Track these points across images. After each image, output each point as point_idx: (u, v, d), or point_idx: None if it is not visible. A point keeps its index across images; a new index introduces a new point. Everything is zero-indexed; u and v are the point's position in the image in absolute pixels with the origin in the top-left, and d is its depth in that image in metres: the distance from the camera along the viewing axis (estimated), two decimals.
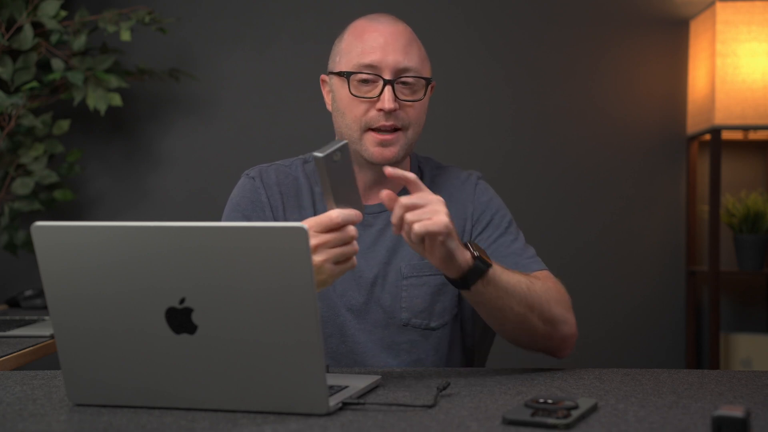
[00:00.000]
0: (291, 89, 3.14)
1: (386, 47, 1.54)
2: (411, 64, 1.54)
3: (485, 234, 1.62)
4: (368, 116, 1.54)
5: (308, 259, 1.08)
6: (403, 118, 1.54)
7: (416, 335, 1.60)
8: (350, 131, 1.56)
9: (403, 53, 1.54)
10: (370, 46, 1.54)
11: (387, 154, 1.55)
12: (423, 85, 1.56)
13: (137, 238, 1.12)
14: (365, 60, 1.54)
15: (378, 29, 1.56)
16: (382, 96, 1.53)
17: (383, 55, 1.53)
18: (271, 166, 1.67)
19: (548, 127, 3.15)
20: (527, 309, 1.43)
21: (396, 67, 1.53)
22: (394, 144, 1.55)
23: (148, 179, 3.16)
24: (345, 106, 1.56)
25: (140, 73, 3.02)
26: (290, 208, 1.63)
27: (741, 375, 1.42)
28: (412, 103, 1.55)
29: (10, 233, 2.94)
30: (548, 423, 1.06)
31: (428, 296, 1.60)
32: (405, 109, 1.55)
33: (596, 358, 3.11)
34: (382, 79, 1.53)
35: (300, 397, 1.13)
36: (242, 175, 1.67)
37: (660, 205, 3.15)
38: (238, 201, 1.63)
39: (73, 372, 1.19)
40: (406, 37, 1.56)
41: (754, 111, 2.86)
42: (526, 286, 1.44)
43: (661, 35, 3.13)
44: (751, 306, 3.17)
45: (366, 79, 1.54)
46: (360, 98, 1.54)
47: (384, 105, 1.52)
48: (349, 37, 1.59)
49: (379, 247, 1.61)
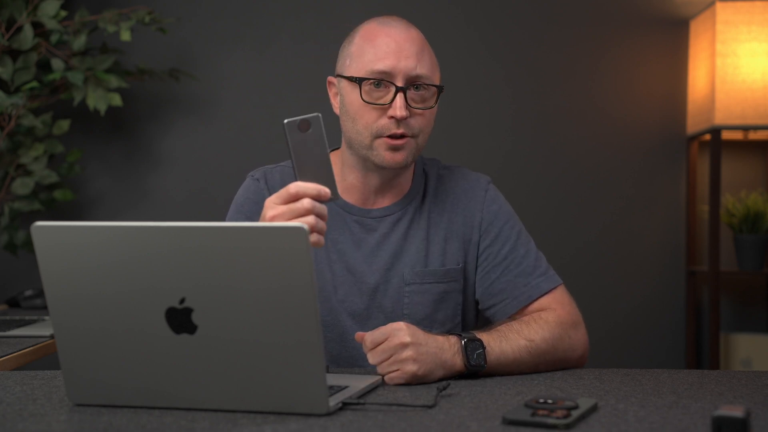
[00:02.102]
0: (291, 89, 3.13)
1: (399, 54, 1.51)
2: (423, 72, 1.52)
3: (494, 249, 1.61)
4: (379, 124, 1.52)
5: (308, 259, 1.08)
6: (413, 126, 1.53)
7: None
8: (361, 137, 1.54)
9: (416, 60, 1.52)
10: (383, 51, 1.52)
11: (397, 158, 1.53)
12: (434, 93, 1.55)
13: (137, 238, 1.12)
14: (378, 66, 1.51)
15: (391, 34, 1.53)
16: (393, 103, 1.51)
17: (396, 61, 1.51)
18: (275, 168, 1.66)
19: (548, 127, 3.15)
20: (535, 362, 1.47)
21: (408, 74, 1.51)
22: (404, 149, 1.53)
23: (148, 179, 3.16)
24: (355, 112, 1.54)
25: (140, 73, 3.02)
26: None
27: (741, 375, 1.42)
28: (423, 111, 1.54)
29: (10, 233, 2.94)
30: (548, 423, 1.06)
31: (430, 303, 1.59)
32: (415, 117, 1.53)
33: (596, 358, 3.10)
34: (394, 86, 1.51)
35: (300, 397, 1.13)
36: (247, 176, 1.66)
37: (660, 205, 3.15)
38: (242, 202, 1.63)
39: (73, 372, 1.19)
40: (418, 43, 1.54)
41: (754, 111, 2.86)
42: (527, 349, 1.45)
43: (661, 35, 3.13)
44: (751, 306, 3.17)
45: (378, 85, 1.52)
46: (371, 104, 1.52)
47: (396, 113, 1.50)
48: (360, 40, 1.56)
49: (382, 252, 1.60)
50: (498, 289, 1.59)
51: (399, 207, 1.62)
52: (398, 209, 1.62)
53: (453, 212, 1.62)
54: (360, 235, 1.59)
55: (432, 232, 1.61)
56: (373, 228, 1.60)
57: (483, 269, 1.61)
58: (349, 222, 1.61)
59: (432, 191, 1.64)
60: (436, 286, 1.59)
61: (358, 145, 1.55)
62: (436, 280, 1.59)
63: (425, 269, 1.59)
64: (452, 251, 1.61)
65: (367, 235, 1.60)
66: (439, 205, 1.63)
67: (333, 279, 1.59)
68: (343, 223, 1.60)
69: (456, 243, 1.61)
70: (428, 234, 1.61)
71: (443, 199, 1.63)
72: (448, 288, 1.60)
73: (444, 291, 1.60)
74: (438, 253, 1.60)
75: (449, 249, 1.61)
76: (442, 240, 1.61)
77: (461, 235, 1.62)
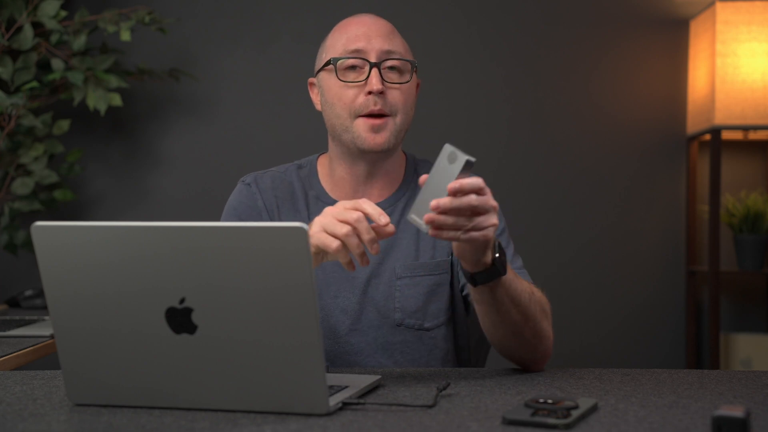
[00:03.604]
0: (291, 89, 3.14)
1: (369, 34, 1.58)
2: (395, 48, 1.59)
3: None
4: (357, 102, 1.56)
5: (308, 259, 1.08)
6: (391, 103, 1.57)
7: (410, 336, 1.60)
8: (340, 120, 1.58)
9: (387, 39, 1.59)
10: (354, 34, 1.59)
11: (378, 140, 1.56)
12: (409, 69, 1.59)
13: (137, 238, 1.12)
14: (350, 47, 1.58)
15: (360, 21, 1.61)
16: (369, 79, 1.56)
17: (367, 40, 1.58)
18: (266, 173, 1.69)
19: (548, 127, 3.15)
20: (523, 319, 1.42)
21: (380, 50, 1.57)
22: (384, 129, 1.56)
23: (148, 179, 3.16)
24: (333, 96, 1.58)
25: (140, 73, 3.02)
26: (286, 212, 1.64)
27: (741, 375, 1.42)
28: (399, 85, 1.58)
29: (10, 233, 2.94)
30: (548, 423, 1.06)
31: (422, 296, 1.60)
32: (392, 93, 1.57)
33: (596, 358, 3.11)
34: (368, 63, 1.56)
35: (300, 397, 1.13)
36: (238, 181, 1.69)
37: (660, 205, 3.15)
38: (235, 206, 1.65)
39: (73, 372, 1.19)
40: (387, 27, 1.62)
41: (754, 111, 2.86)
42: (528, 296, 1.42)
43: (661, 35, 3.13)
44: (751, 306, 3.17)
45: (353, 65, 1.57)
46: (348, 83, 1.57)
47: (372, 87, 1.54)
48: (333, 34, 1.63)
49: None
50: None
51: (390, 203, 1.64)
52: (388, 205, 1.64)
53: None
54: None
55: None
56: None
57: None
58: None
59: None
60: (427, 278, 1.60)
61: (340, 129, 1.58)
62: (426, 272, 1.60)
63: (416, 262, 1.60)
64: (442, 243, 1.62)
65: None
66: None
67: (325, 276, 1.60)
68: None
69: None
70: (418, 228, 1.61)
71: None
72: (439, 280, 1.61)
73: (435, 283, 1.61)
74: (428, 246, 1.62)
75: (438, 242, 1.62)
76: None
77: None
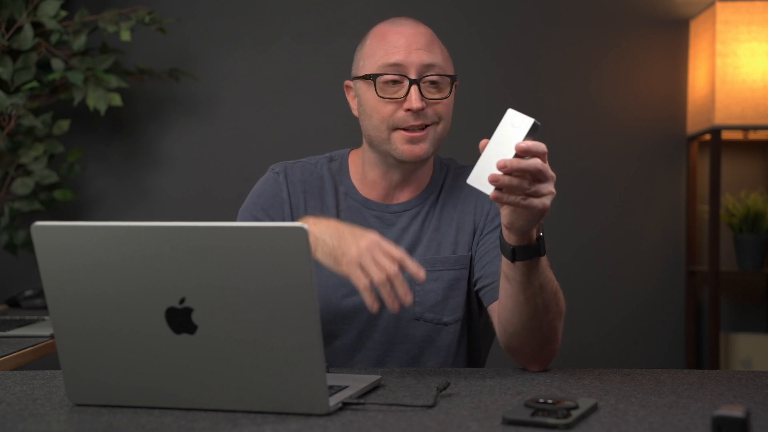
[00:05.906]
0: (291, 89, 3.13)
1: (409, 46, 1.56)
2: (435, 61, 1.56)
3: (494, 235, 1.61)
4: (396, 116, 1.55)
5: (308, 259, 1.08)
6: (431, 115, 1.56)
7: (428, 330, 1.60)
8: (378, 132, 1.57)
9: (427, 51, 1.56)
10: (394, 46, 1.56)
11: (417, 151, 1.56)
12: (448, 83, 1.58)
13: (137, 238, 1.12)
14: (389, 60, 1.55)
15: (400, 31, 1.58)
16: (408, 96, 1.54)
17: (407, 53, 1.55)
18: (297, 163, 1.68)
19: (548, 127, 3.15)
20: (544, 309, 1.41)
21: (420, 64, 1.55)
22: (424, 140, 1.56)
23: (148, 179, 3.16)
24: (372, 108, 1.57)
25: (140, 73, 3.02)
26: (312, 207, 1.63)
27: (741, 375, 1.42)
28: (439, 100, 1.56)
29: (10, 233, 2.94)
30: (548, 423, 1.06)
31: (441, 290, 1.60)
32: (432, 107, 1.56)
33: (596, 358, 3.11)
34: (407, 79, 1.54)
35: (300, 397, 1.13)
36: (268, 169, 1.68)
37: (660, 205, 3.14)
38: (259, 194, 1.65)
39: (73, 372, 1.19)
40: (427, 36, 1.59)
41: (754, 111, 2.86)
42: (555, 289, 1.43)
43: (661, 35, 3.13)
44: (751, 306, 3.17)
45: (392, 80, 1.55)
46: (387, 99, 1.55)
47: (411, 105, 1.53)
48: (371, 41, 1.60)
49: (400, 244, 1.61)
50: (491, 272, 1.59)
51: (418, 201, 1.65)
52: (417, 204, 1.64)
53: (465, 204, 1.64)
54: (379, 230, 1.60)
55: (444, 222, 1.64)
56: (392, 222, 1.63)
57: (480, 252, 1.61)
58: (368, 217, 1.63)
59: (448, 187, 1.67)
60: (447, 273, 1.61)
61: (377, 141, 1.58)
62: (447, 267, 1.61)
63: (437, 257, 1.61)
64: (463, 240, 1.63)
65: (386, 230, 1.62)
66: (453, 199, 1.65)
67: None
68: (362, 219, 1.63)
69: (466, 232, 1.63)
70: (440, 224, 1.63)
71: (457, 195, 1.66)
72: (459, 275, 1.61)
73: (455, 278, 1.61)
74: (450, 242, 1.62)
75: (461, 238, 1.63)
76: (454, 230, 1.63)
77: (471, 225, 1.63)
